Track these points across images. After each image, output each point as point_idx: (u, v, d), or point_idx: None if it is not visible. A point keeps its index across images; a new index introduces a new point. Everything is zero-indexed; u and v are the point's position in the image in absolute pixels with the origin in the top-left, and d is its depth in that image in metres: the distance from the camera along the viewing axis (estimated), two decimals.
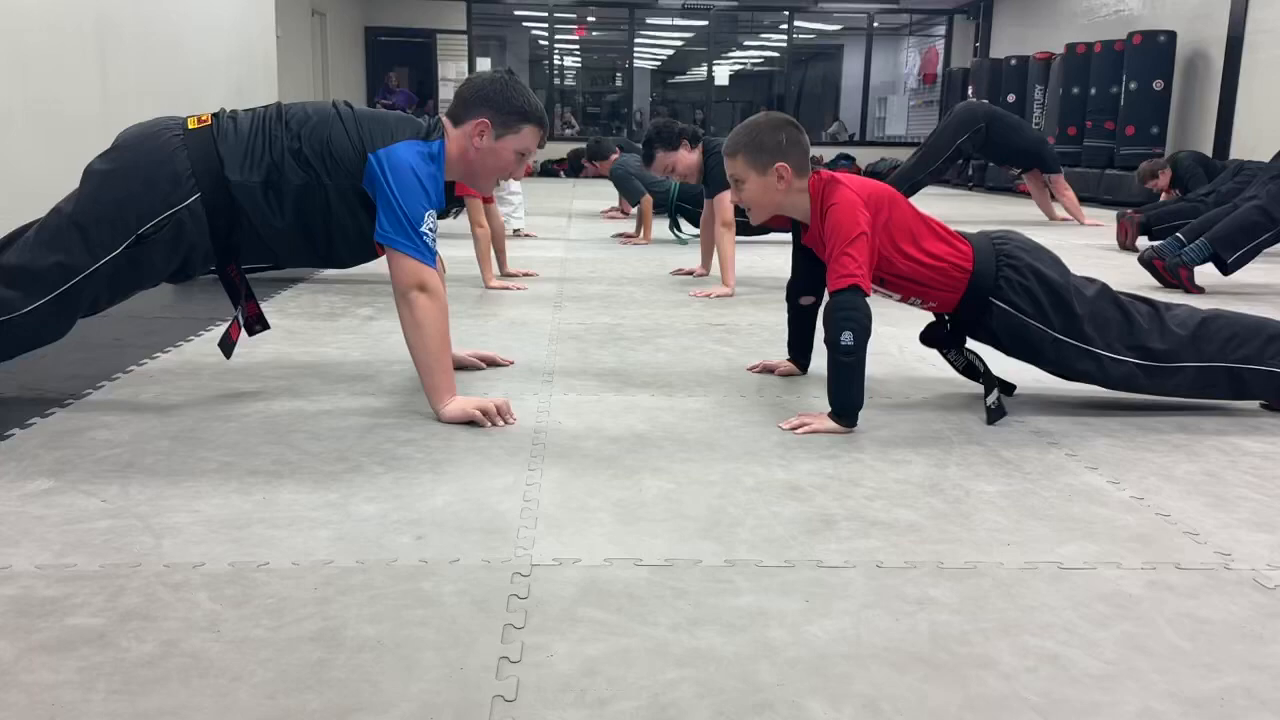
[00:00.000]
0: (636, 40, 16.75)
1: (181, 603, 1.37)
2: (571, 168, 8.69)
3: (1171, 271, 4.41)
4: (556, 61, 18.61)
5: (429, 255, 2.18)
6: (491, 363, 2.81)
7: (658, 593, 1.43)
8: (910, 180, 7.68)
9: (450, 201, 5.17)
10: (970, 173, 12.39)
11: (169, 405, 2.35)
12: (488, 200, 4.86)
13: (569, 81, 19.92)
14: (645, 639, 1.29)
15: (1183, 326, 2.35)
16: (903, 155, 13.23)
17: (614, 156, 6.99)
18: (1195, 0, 9.78)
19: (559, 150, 13.67)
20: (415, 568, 1.49)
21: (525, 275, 4.56)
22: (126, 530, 1.61)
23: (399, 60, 15.50)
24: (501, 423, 2.21)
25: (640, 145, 4.59)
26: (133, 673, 1.19)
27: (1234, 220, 4.36)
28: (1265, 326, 2.38)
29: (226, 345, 2.36)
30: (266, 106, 2.30)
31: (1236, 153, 8.73)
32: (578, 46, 19.52)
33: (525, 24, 17.79)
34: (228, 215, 2.20)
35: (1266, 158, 7.07)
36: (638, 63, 18.03)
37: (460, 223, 5.27)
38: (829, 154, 15.08)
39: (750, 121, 2.49)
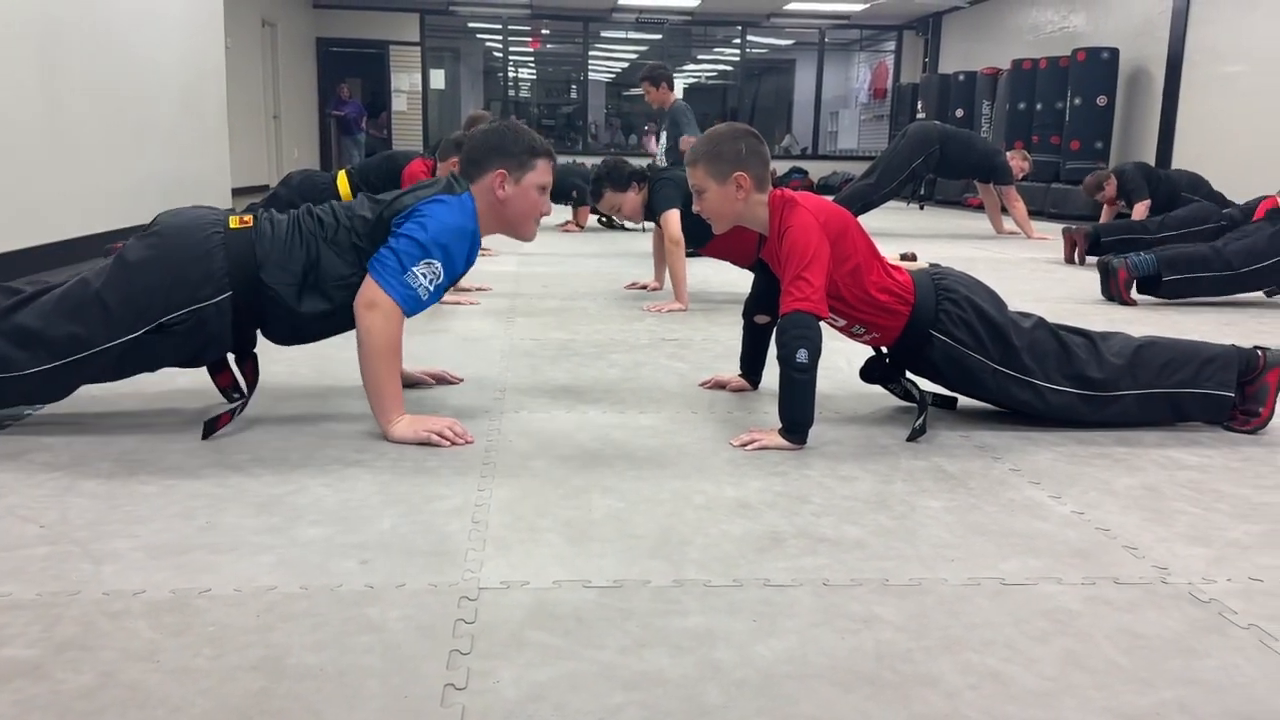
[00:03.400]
0: (591, 53, 16.77)
1: (120, 632, 1.35)
2: None
3: (1114, 272, 4.49)
4: (511, 73, 18.59)
5: (403, 296, 2.16)
6: (442, 380, 2.80)
7: (606, 615, 1.43)
8: (865, 200, 7.77)
9: None
10: (921, 190, 12.56)
11: (111, 426, 2.31)
12: None
13: (523, 93, 19.89)
14: (592, 663, 1.29)
15: (1119, 355, 2.40)
16: (855, 169, 13.41)
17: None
18: (1137, 19, 10.02)
19: None
20: (360, 593, 1.47)
21: (478, 290, 4.54)
22: (65, 557, 1.58)
23: (351, 71, 15.39)
24: (459, 442, 2.20)
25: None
26: (69, 705, 1.16)
27: (1186, 249, 4.50)
28: (1200, 350, 2.44)
29: (209, 428, 2.25)
30: (299, 209, 2.33)
31: (1177, 166, 8.94)
32: (532, 58, 19.51)
33: (479, 35, 17.75)
34: (256, 312, 2.21)
35: (1205, 171, 7.30)
36: (592, 75, 18.04)
37: None
38: (783, 167, 15.21)
39: (711, 131, 2.51)
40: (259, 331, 2.28)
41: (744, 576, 1.57)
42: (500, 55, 17.24)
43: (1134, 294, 4.55)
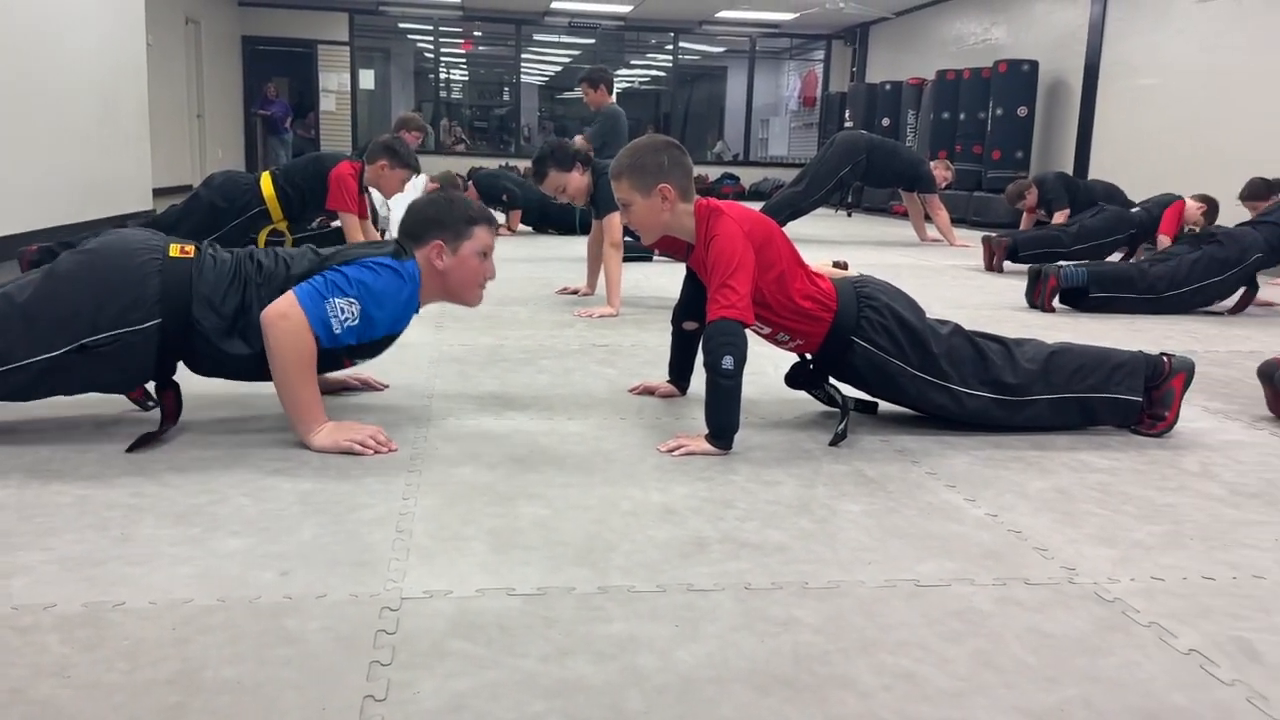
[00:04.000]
0: (524, 56, 16.72)
1: (30, 647, 1.31)
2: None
3: (1045, 279, 4.62)
4: (443, 75, 18.44)
5: (316, 318, 2.13)
6: (367, 386, 2.77)
7: (529, 623, 1.43)
8: (794, 207, 7.89)
9: (319, 212, 5.07)
10: (849, 197, 12.76)
11: (24, 435, 2.24)
12: (363, 216, 4.79)
13: (455, 95, 19.75)
14: (514, 671, 1.30)
15: (1033, 361, 2.48)
16: (785, 175, 13.56)
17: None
18: (1056, 32, 10.32)
19: (444, 166, 13.51)
20: (279, 604, 1.46)
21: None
22: None
23: (278, 70, 15.12)
24: (383, 450, 2.18)
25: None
26: None
27: (1115, 269, 4.68)
28: (1110, 356, 2.53)
29: (139, 443, 2.19)
30: (241, 250, 2.30)
31: (1094, 175, 9.22)
32: (464, 60, 19.37)
33: (410, 36, 17.57)
34: (181, 344, 2.16)
35: (1120, 180, 7.56)
36: (525, 78, 17.98)
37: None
38: (714, 173, 15.34)
39: (633, 144, 2.53)
40: (180, 362, 2.24)
41: (668, 582, 1.59)
42: (432, 56, 17.09)
43: (1056, 303, 4.69)
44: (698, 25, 15.73)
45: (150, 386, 2.32)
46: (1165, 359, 2.53)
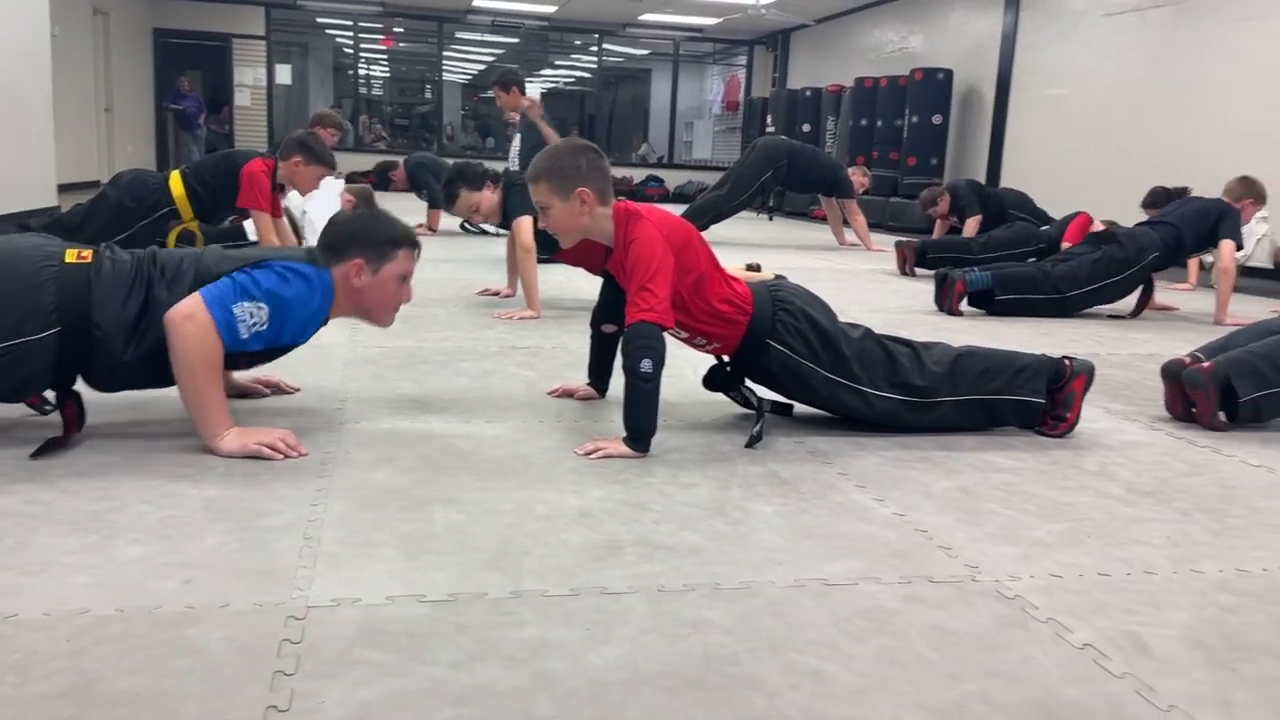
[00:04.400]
0: (446, 54, 16.55)
1: None
2: (379, 181, 8.50)
3: (952, 284, 4.74)
4: (363, 71, 18.16)
5: (223, 319, 2.08)
6: (276, 388, 2.71)
7: (439, 629, 1.42)
8: (717, 211, 7.97)
9: (231, 211, 4.94)
10: (770, 201, 12.92)
11: None
12: (276, 214, 4.69)
13: (376, 92, 19.46)
14: (423, 679, 1.29)
15: (939, 364, 2.54)
16: (709, 178, 13.66)
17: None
18: (970, 42, 10.60)
19: (366, 162, 13.31)
20: (180, 614, 1.42)
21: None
22: None
23: (191, 64, 14.70)
24: (292, 455, 2.13)
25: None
26: None
27: (1018, 270, 4.81)
28: (1014, 360, 2.61)
29: (40, 453, 2.12)
30: (144, 252, 2.22)
31: (1006, 182, 9.49)
32: (385, 57, 19.10)
33: (329, 31, 17.26)
34: (81, 352, 2.09)
35: (1030, 187, 7.78)
36: (448, 76, 17.81)
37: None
38: (639, 175, 15.38)
39: (550, 148, 2.53)
40: (80, 376, 2.17)
41: (581, 585, 1.59)
42: (351, 52, 16.81)
43: (964, 306, 4.81)
44: (621, 28, 15.76)
45: (50, 394, 2.24)
46: (1067, 362, 2.62)
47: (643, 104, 20.19)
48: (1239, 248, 4.87)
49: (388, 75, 19.84)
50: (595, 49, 16.51)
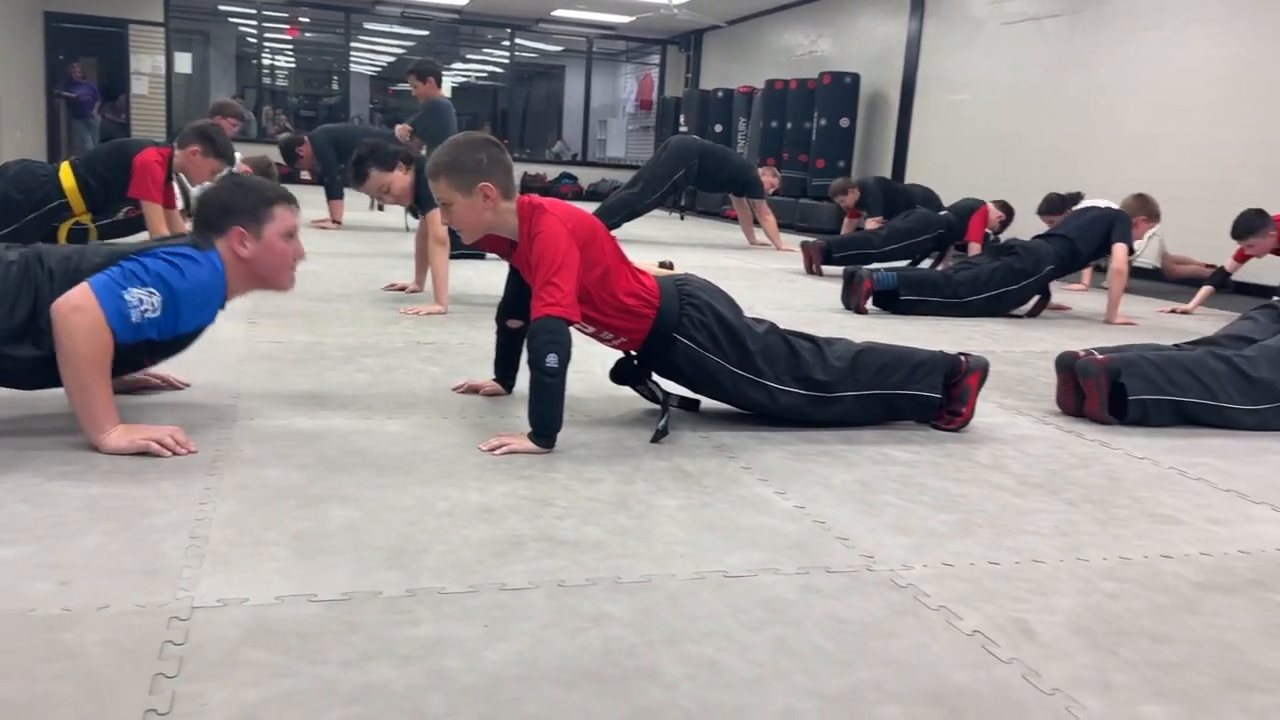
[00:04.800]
0: (354, 45, 16.23)
1: None
2: (285, 154, 8.09)
3: (859, 282, 4.84)
4: (267, 60, 17.69)
5: (113, 309, 2.00)
6: (167, 383, 2.62)
7: (331, 629, 1.39)
8: (629, 209, 8.00)
9: (125, 202, 4.76)
10: (682, 200, 13.01)
11: None
12: (169, 205, 4.55)
13: (281, 82, 18.99)
14: (312, 679, 1.25)
15: (841, 359, 2.59)
16: (623, 176, 13.68)
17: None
18: (876, 47, 10.83)
19: (269, 154, 12.97)
20: (56, 617, 1.36)
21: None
22: None
23: (85, 50, 14.13)
24: (181, 452, 2.06)
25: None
26: None
27: (923, 273, 4.97)
28: (912, 355, 2.67)
29: None
30: (29, 250, 2.13)
31: (910, 181, 9.73)
32: (291, 47, 18.65)
33: (232, 20, 16.77)
34: None
35: (937, 187, 7.99)
36: (356, 68, 17.47)
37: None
38: (553, 173, 15.32)
39: (450, 142, 2.49)
40: None
41: (480, 582, 1.57)
42: (255, 41, 16.37)
43: (869, 305, 4.91)
44: (534, 23, 15.67)
45: None
46: (962, 358, 2.69)
47: (556, 101, 20.12)
48: (1131, 251, 5.08)
49: (293, 66, 19.39)
50: (508, 44, 16.38)
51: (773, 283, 5.94)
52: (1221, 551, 1.92)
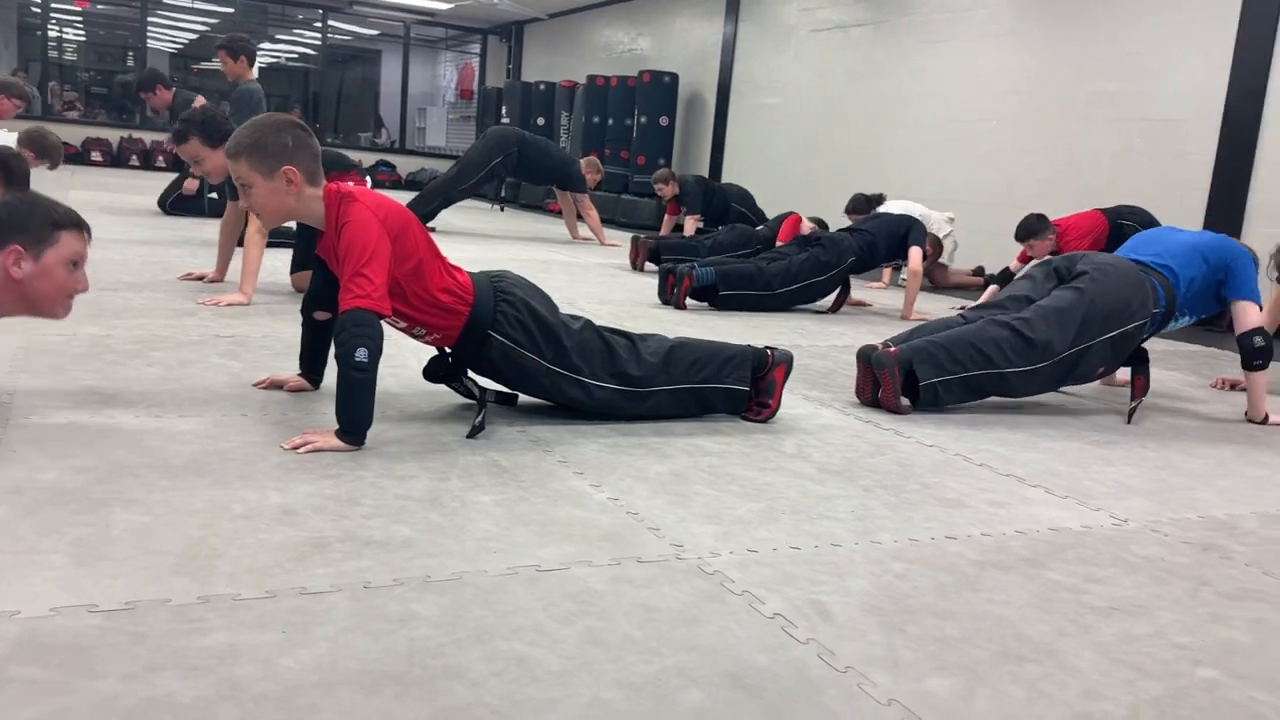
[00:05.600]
0: (152, 20, 15.23)
1: None
2: (141, 86, 7.49)
3: (679, 279, 4.94)
4: (53, 32, 16.36)
5: None
6: None
7: (112, 640, 1.30)
8: (444, 195, 7.87)
9: None
10: (504, 192, 12.91)
11: None
12: None
13: (69, 56, 17.61)
14: (90, 694, 1.17)
15: (655, 355, 2.63)
16: (443, 166, 13.44)
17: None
18: (694, 48, 11.05)
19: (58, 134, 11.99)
20: None
21: None
22: None
23: None
24: None
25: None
26: None
27: (739, 267, 5.09)
28: (722, 350, 2.75)
29: None
30: None
31: (726, 180, 10.00)
32: (81, 19, 17.31)
33: None
34: None
35: (751, 186, 8.25)
36: (154, 44, 16.41)
37: None
38: (369, 160, 14.86)
39: (253, 122, 2.37)
40: None
41: (278, 587, 1.51)
42: (40, 11, 15.09)
43: (688, 301, 5.02)
44: (348, 4, 15.14)
45: None
46: (769, 352, 2.79)
47: (373, 86, 19.53)
48: (925, 256, 5.45)
49: (84, 39, 18.02)
50: (320, 25, 15.76)
51: (594, 277, 5.97)
52: (1000, 532, 2.06)
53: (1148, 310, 3.16)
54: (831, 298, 5.39)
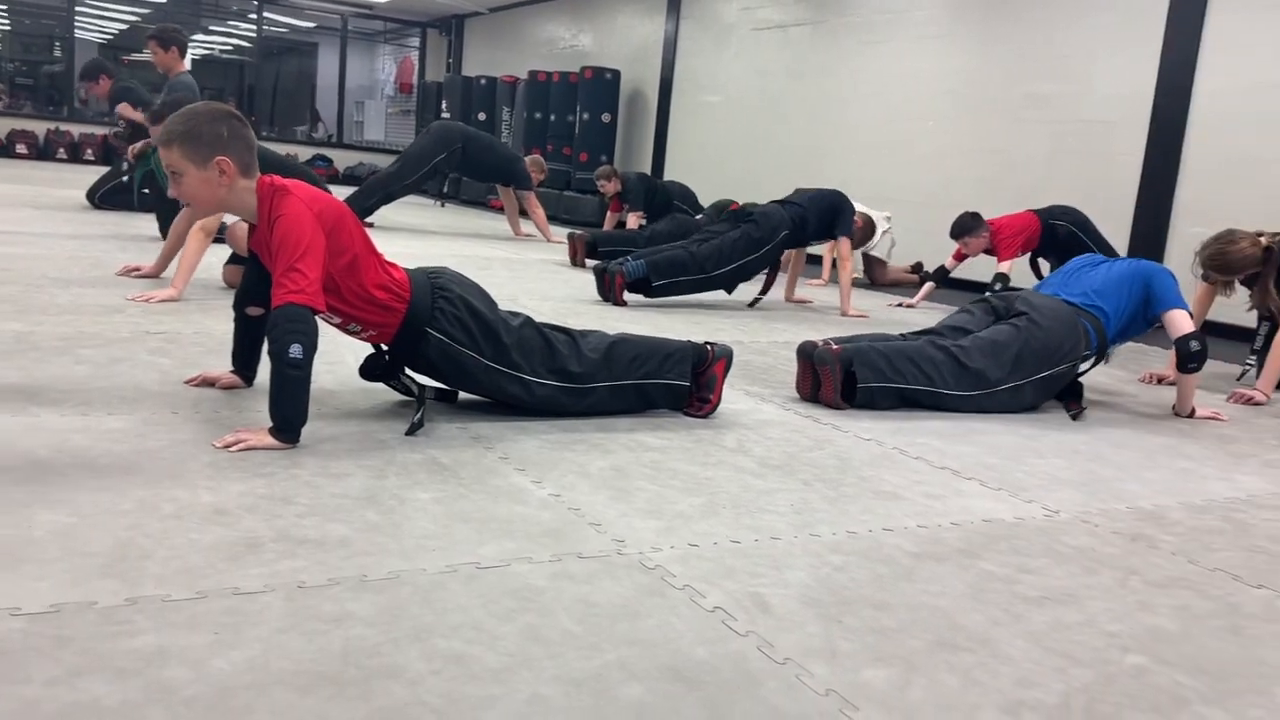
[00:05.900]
0: (80, 9, 14.80)
1: None
2: (85, 74, 7.31)
3: (611, 277, 4.92)
4: None
5: None
6: None
7: (35, 644, 1.26)
8: (385, 191, 7.75)
9: None
10: (445, 188, 12.79)
11: None
12: None
13: None
14: (11, 699, 1.13)
15: (595, 351, 2.63)
16: (382, 161, 13.27)
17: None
18: (635, 45, 11.06)
19: None
20: None
21: None
22: None
23: None
24: None
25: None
26: None
27: (668, 254, 5.05)
28: (662, 347, 2.75)
29: None
30: None
31: (669, 178, 10.02)
32: (5, 8, 16.76)
33: None
34: None
35: (692, 184, 8.27)
36: (82, 34, 15.95)
37: None
38: (305, 154, 14.61)
39: (187, 110, 2.31)
40: None
41: (210, 588, 1.47)
42: None
43: (625, 296, 5.01)
44: None
45: None
46: (709, 347, 2.80)
47: (309, 79, 19.20)
48: (855, 245, 5.47)
49: (8, 29, 17.45)
50: (255, 16, 15.46)
51: (536, 273, 5.94)
52: (935, 524, 2.10)
53: (1079, 352, 3.26)
54: (774, 285, 5.37)
